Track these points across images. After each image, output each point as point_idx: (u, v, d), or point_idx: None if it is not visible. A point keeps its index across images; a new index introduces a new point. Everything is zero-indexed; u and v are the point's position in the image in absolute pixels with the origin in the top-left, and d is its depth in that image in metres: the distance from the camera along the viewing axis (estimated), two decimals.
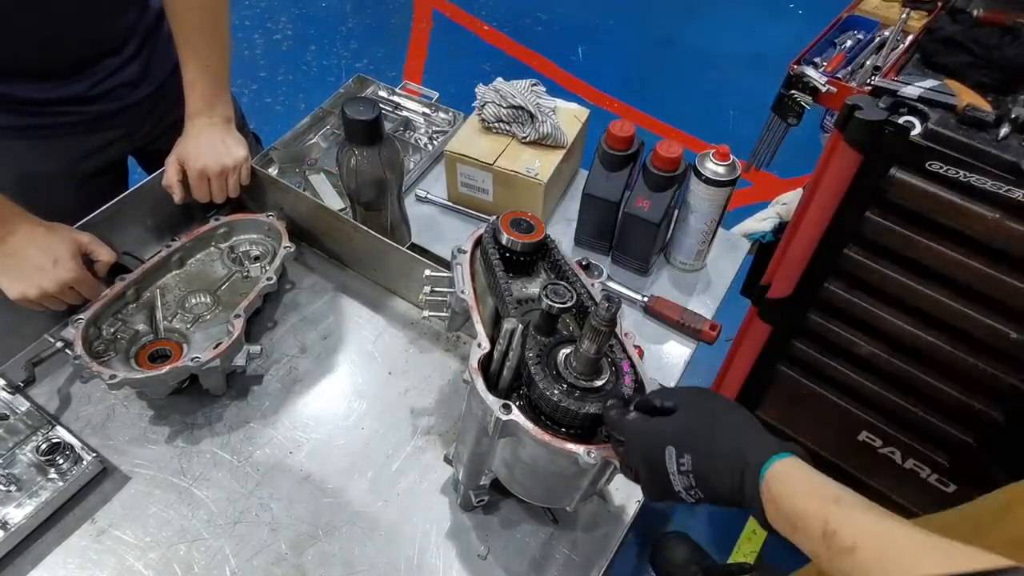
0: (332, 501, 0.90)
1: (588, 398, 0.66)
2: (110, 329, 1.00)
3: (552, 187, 1.21)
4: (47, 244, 0.96)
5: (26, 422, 0.92)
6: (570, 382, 0.67)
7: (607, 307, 0.61)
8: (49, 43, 1.03)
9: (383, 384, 1.03)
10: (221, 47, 1.09)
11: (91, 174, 1.20)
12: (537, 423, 0.66)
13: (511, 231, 0.79)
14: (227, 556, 0.85)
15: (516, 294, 0.76)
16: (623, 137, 1.11)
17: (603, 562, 0.86)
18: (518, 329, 0.65)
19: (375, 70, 3.14)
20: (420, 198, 1.31)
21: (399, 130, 1.42)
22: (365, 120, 0.99)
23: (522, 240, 0.78)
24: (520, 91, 1.22)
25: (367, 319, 1.11)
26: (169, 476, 0.91)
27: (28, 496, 0.86)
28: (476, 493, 0.87)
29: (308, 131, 1.41)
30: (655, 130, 2.90)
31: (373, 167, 1.05)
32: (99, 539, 0.86)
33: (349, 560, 0.85)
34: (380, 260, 1.12)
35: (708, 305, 1.18)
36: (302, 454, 0.94)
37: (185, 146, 1.08)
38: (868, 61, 1.66)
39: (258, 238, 1.14)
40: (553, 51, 3.27)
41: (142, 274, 1.03)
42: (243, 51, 3.13)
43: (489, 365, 0.70)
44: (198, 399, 0.99)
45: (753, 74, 3.11)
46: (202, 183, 1.09)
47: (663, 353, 1.11)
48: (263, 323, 1.09)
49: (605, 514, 0.91)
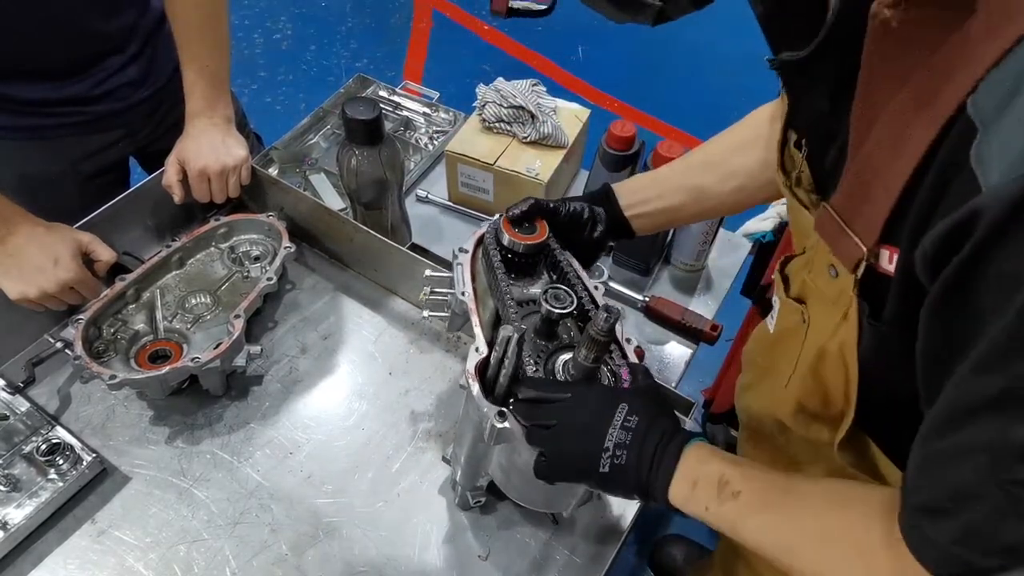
0: (332, 502, 0.90)
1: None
2: (110, 329, 0.99)
3: (553, 187, 1.21)
4: (47, 244, 0.96)
5: (26, 422, 0.92)
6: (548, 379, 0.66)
7: (605, 317, 0.60)
8: (48, 43, 1.03)
9: (383, 384, 1.03)
10: (221, 47, 1.09)
11: (92, 174, 1.20)
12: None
13: (513, 232, 0.78)
14: (227, 557, 0.85)
15: (517, 296, 0.76)
16: (624, 137, 1.10)
17: (603, 564, 0.86)
18: (514, 337, 0.64)
19: (375, 70, 3.14)
20: (420, 198, 1.31)
21: (399, 130, 1.42)
22: (365, 120, 0.98)
23: (524, 241, 0.77)
24: (521, 91, 1.22)
25: (367, 319, 1.11)
26: (169, 477, 0.91)
27: (28, 497, 0.86)
28: (473, 494, 0.87)
29: (308, 131, 1.41)
30: (656, 130, 2.90)
31: (373, 167, 1.04)
32: (99, 540, 0.86)
33: (349, 561, 0.85)
34: (380, 260, 1.11)
35: (709, 305, 1.18)
36: (302, 454, 0.94)
37: (185, 146, 1.08)
38: None
39: (258, 238, 1.14)
40: (553, 51, 3.27)
41: (142, 274, 1.03)
42: (243, 51, 3.12)
43: (487, 369, 0.70)
44: (198, 399, 0.99)
45: (753, 74, 3.11)
46: (202, 183, 1.08)
47: (664, 354, 1.11)
48: (263, 323, 1.09)
49: (605, 516, 0.91)
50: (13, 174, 1.13)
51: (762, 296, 1.52)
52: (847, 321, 0.54)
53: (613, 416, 0.62)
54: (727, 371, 1.77)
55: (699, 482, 0.60)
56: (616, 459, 0.61)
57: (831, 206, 0.52)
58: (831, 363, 0.59)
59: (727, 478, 0.58)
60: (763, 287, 1.53)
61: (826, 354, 0.59)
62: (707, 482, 0.59)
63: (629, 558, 1.68)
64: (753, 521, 0.58)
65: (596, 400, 0.64)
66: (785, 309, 0.66)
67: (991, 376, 0.39)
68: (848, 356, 0.56)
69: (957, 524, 0.43)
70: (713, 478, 0.59)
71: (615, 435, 0.61)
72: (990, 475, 0.40)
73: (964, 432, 0.42)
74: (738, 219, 1.57)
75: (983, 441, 0.41)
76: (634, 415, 0.62)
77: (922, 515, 0.46)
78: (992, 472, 0.40)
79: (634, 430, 0.61)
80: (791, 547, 0.55)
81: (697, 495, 0.60)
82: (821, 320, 0.59)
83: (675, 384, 1.06)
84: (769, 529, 0.57)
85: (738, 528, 0.58)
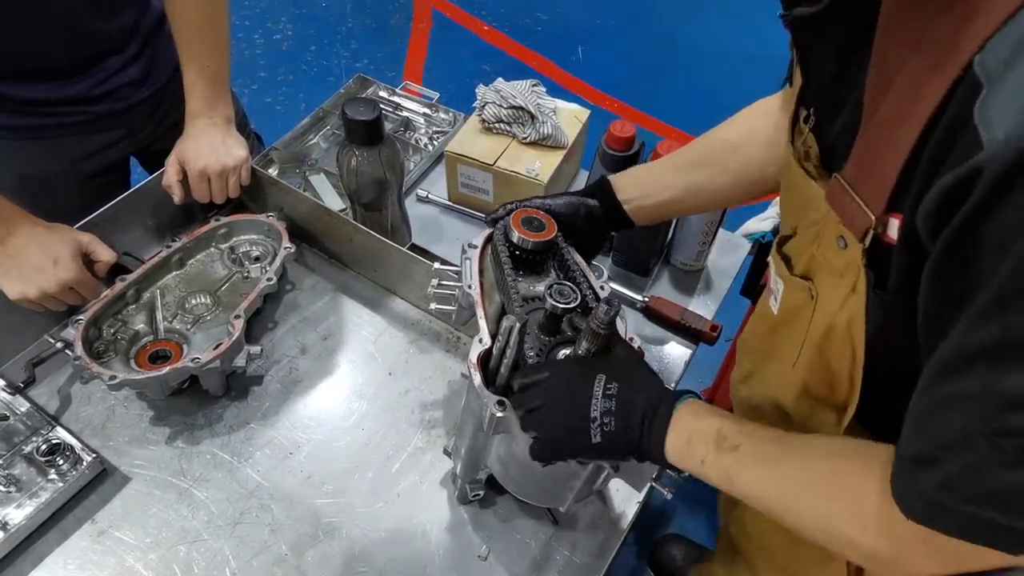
0: (332, 502, 0.90)
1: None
2: (110, 330, 0.99)
3: (553, 188, 1.21)
4: (48, 244, 0.96)
5: (26, 423, 0.92)
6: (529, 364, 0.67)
7: (606, 310, 0.61)
8: (48, 43, 1.03)
9: (383, 385, 1.03)
10: (221, 48, 1.09)
11: (93, 174, 1.20)
12: None
13: (522, 229, 0.79)
14: (227, 557, 0.85)
15: (524, 292, 0.77)
16: (624, 138, 1.10)
17: (604, 563, 0.86)
18: (516, 326, 0.65)
19: (375, 70, 3.14)
20: (420, 198, 1.31)
21: (399, 130, 1.42)
22: (365, 120, 0.98)
23: (532, 239, 0.78)
24: (520, 92, 1.22)
25: (367, 320, 1.11)
26: (169, 477, 0.91)
27: (28, 497, 0.86)
28: (472, 487, 0.87)
29: (308, 131, 1.41)
30: (655, 130, 2.90)
31: (373, 168, 1.04)
32: (99, 540, 0.86)
33: (349, 561, 0.85)
34: (380, 261, 1.12)
35: (709, 306, 1.18)
36: (302, 455, 0.94)
37: (185, 146, 1.08)
38: None
39: (258, 239, 1.14)
40: (553, 51, 3.27)
41: (142, 274, 1.03)
42: (243, 51, 3.12)
43: (489, 361, 0.71)
44: (198, 400, 0.99)
45: (753, 74, 3.11)
46: (202, 183, 1.08)
47: (663, 354, 1.11)
48: (263, 324, 1.09)
49: (605, 516, 0.91)
50: (13, 174, 1.13)
51: (762, 296, 1.52)
52: (855, 294, 0.55)
53: (592, 387, 0.63)
54: (727, 371, 1.77)
55: (694, 437, 0.61)
56: (606, 427, 0.62)
57: (842, 176, 0.52)
58: (838, 341, 0.59)
59: (724, 432, 0.59)
60: (763, 287, 1.52)
61: (833, 331, 0.59)
62: (703, 437, 0.60)
63: (629, 558, 1.68)
64: (752, 472, 0.58)
65: (572, 374, 0.65)
66: (790, 288, 0.66)
67: (987, 326, 0.40)
68: (855, 332, 0.56)
69: (942, 472, 0.43)
70: (710, 433, 0.60)
71: (599, 404, 0.62)
72: (978, 423, 0.41)
73: (957, 382, 0.42)
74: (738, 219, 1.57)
75: (974, 391, 0.41)
76: (613, 382, 0.63)
77: (912, 465, 0.46)
78: (980, 420, 0.41)
79: (616, 396, 0.63)
80: (788, 496, 0.56)
81: (693, 450, 0.61)
82: (829, 294, 0.59)
83: (675, 384, 1.06)
84: (767, 480, 0.58)
85: (734, 479, 0.59)
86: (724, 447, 0.59)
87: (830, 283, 0.59)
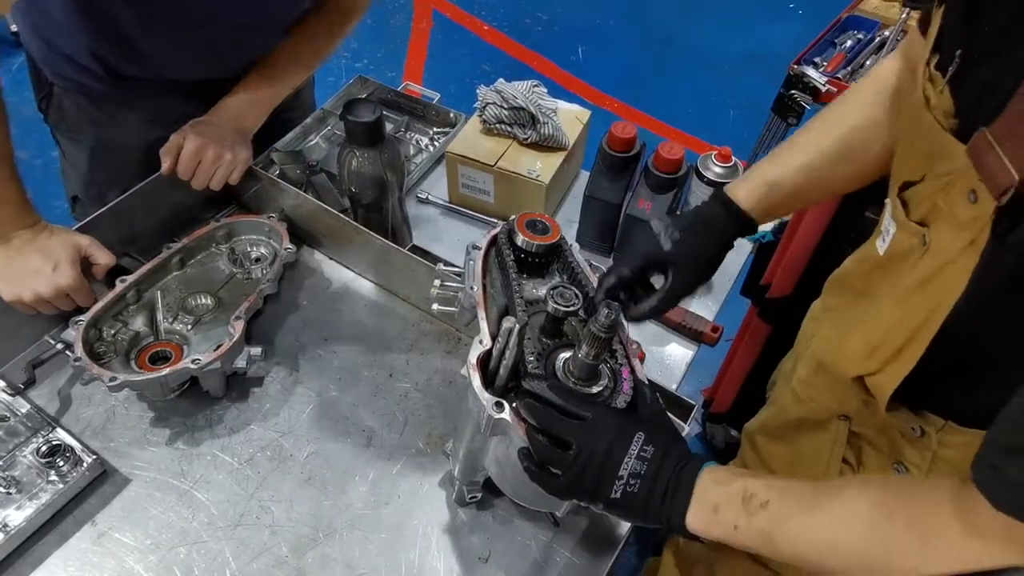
0: (332, 503, 0.90)
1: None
2: (110, 331, 0.99)
3: (554, 189, 1.21)
4: (48, 248, 0.96)
5: (26, 424, 0.92)
6: (567, 386, 0.67)
7: (606, 314, 0.61)
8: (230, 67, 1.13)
9: (383, 386, 1.03)
10: (290, 84, 1.18)
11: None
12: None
13: (526, 232, 0.79)
14: (227, 559, 0.85)
15: (527, 295, 0.76)
16: (625, 139, 1.10)
17: (604, 565, 0.86)
18: (515, 328, 0.65)
19: (375, 70, 3.14)
20: (421, 199, 1.31)
21: (400, 131, 1.41)
22: (366, 122, 0.98)
23: (536, 241, 0.78)
24: (521, 92, 1.22)
25: (368, 321, 1.11)
26: (169, 478, 0.91)
27: (28, 498, 0.85)
28: (469, 489, 0.87)
29: (309, 132, 1.41)
30: (655, 130, 2.90)
31: (374, 169, 1.04)
32: (99, 541, 0.86)
33: (350, 563, 0.85)
34: (381, 262, 1.11)
35: (709, 307, 1.18)
36: (302, 456, 0.94)
37: (202, 120, 1.10)
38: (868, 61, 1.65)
39: (259, 239, 1.14)
40: (553, 51, 3.27)
41: (143, 275, 1.03)
42: None
43: (489, 363, 0.71)
44: (198, 401, 0.98)
45: (753, 74, 3.11)
46: (194, 160, 1.07)
47: (664, 355, 1.11)
48: (264, 325, 1.09)
49: (605, 517, 0.91)
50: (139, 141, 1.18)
51: (762, 296, 1.52)
52: (972, 247, 0.54)
53: (630, 446, 0.63)
54: (727, 371, 1.77)
55: (721, 504, 0.60)
56: (629, 487, 0.62)
57: (990, 132, 0.51)
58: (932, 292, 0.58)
59: (752, 491, 0.58)
60: (763, 287, 1.53)
61: (932, 281, 0.58)
62: (731, 501, 0.59)
63: (629, 560, 1.68)
64: (790, 525, 0.57)
65: (615, 427, 0.64)
66: (903, 233, 0.64)
67: None
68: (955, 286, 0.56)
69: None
70: (737, 495, 0.59)
71: (631, 465, 0.62)
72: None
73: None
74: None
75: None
76: (650, 445, 0.63)
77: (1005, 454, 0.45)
78: None
79: (649, 460, 0.62)
80: (834, 541, 0.55)
81: (722, 517, 0.59)
82: (944, 244, 0.58)
83: (676, 386, 1.06)
84: (808, 529, 0.57)
85: (775, 538, 0.58)
86: (753, 506, 0.58)
87: (949, 234, 0.58)
